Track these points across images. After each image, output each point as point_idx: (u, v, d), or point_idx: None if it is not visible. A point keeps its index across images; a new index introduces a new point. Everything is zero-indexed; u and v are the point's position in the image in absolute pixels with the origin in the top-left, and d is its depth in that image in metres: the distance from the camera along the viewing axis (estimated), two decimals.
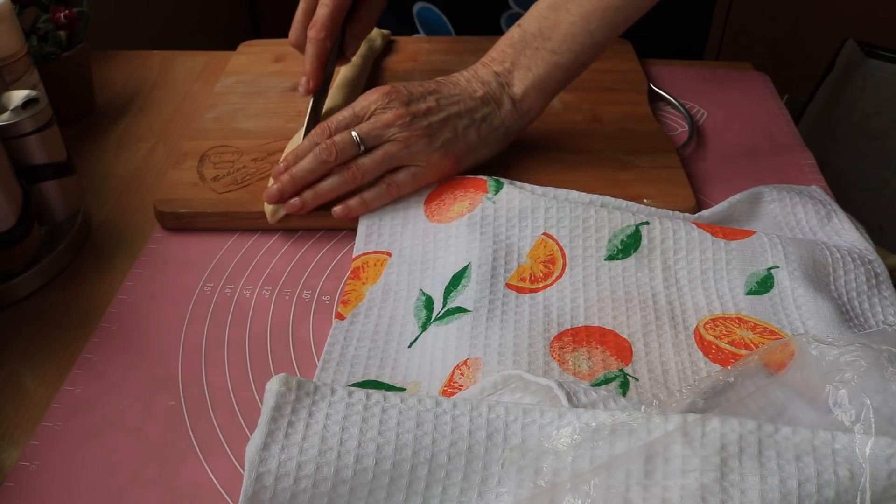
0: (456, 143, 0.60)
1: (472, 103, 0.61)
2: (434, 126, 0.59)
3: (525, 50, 0.61)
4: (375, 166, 0.59)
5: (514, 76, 0.61)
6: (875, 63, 1.19)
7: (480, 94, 0.61)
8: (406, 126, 0.58)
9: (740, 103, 0.78)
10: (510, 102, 0.61)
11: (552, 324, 0.50)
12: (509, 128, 0.62)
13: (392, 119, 0.58)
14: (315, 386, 0.39)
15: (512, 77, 0.61)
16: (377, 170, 0.59)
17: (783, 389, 0.41)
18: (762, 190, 0.61)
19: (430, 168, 0.60)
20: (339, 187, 0.59)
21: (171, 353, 0.52)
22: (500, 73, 0.62)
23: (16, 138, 0.55)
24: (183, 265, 0.59)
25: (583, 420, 0.38)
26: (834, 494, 0.35)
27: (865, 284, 0.53)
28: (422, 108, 0.59)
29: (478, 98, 0.61)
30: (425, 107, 0.59)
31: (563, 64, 0.61)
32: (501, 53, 0.62)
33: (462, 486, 0.38)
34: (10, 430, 0.48)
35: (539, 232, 0.56)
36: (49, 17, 0.71)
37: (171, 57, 0.87)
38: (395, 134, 0.58)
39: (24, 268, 0.56)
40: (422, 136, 0.59)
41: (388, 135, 0.59)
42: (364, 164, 0.59)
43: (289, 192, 0.59)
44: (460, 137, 0.60)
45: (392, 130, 0.58)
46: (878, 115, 1.21)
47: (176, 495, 0.44)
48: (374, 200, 0.60)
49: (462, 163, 0.61)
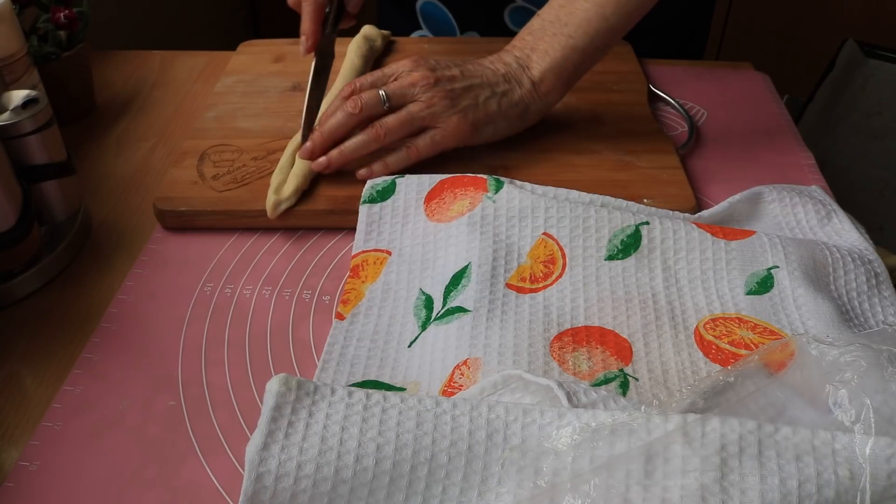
0: (476, 110, 0.63)
1: (493, 78, 0.64)
2: (456, 91, 0.63)
3: (543, 36, 0.65)
4: (398, 125, 0.62)
5: (532, 59, 0.65)
6: (875, 63, 1.19)
7: (503, 71, 0.65)
8: (430, 87, 0.62)
9: (740, 103, 0.78)
10: (529, 83, 0.65)
11: (552, 324, 0.50)
12: (528, 106, 0.65)
13: (418, 79, 0.62)
14: (315, 386, 0.39)
15: (531, 60, 0.65)
16: (400, 129, 0.62)
17: (783, 389, 0.41)
18: (762, 190, 0.61)
19: (449, 131, 0.63)
20: (362, 145, 0.62)
21: (171, 353, 0.52)
22: (521, 57, 0.65)
23: (16, 138, 0.55)
24: (183, 265, 0.59)
25: (583, 420, 0.38)
26: (834, 494, 0.35)
27: (865, 284, 0.53)
28: (446, 75, 0.63)
29: (500, 75, 0.65)
30: (450, 74, 0.63)
31: (580, 48, 0.64)
32: (522, 41, 0.66)
33: (462, 486, 0.38)
34: (10, 430, 0.48)
35: (539, 232, 0.56)
36: (49, 17, 0.71)
37: (171, 57, 0.87)
38: (418, 94, 0.62)
39: (24, 268, 0.56)
40: (444, 98, 0.62)
41: (413, 94, 0.62)
42: (387, 122, 0.62)
43: (319, 148, 0.63)
44: (480, 106, 0.63)
45: (416, 90, 0.62)
46: (878, 115, 1.21)
47: (176, 495, 0.44)
48: (395, 163, 0.63)
49: (479, 132, 0.64)
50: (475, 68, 0.65)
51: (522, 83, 0.64)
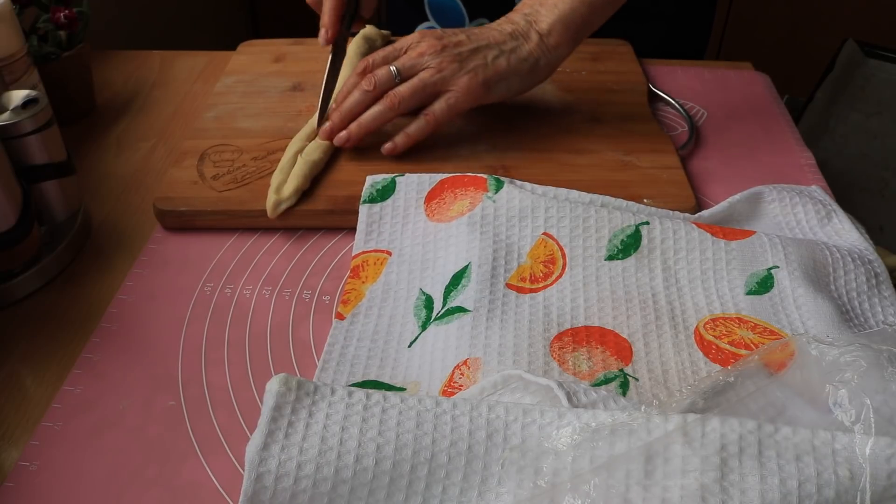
0: (486, 69, 0.65)
1: (500, 38, 0.66)
2: (464, 54, 0.65)
3: None
4: (411, 93, 0.64)
5: (541, 13, 0.66)
6: (875, 63, 1.19)
7: (509, 30, 0.66)
8: (437, 54, 0.64)
9: (740, 103, 0.78)
10: (537, 36, 0.66)
11: (552, 324, 0.50)
12: (537, 60, 0.66)
13: (425, 48, 0.65)
14: (315, 386, 0.39)
15: (539, 14, 0.66)
16: (413, 97, 0.64)
17: (783, 389, 0.41)
18: (762, 190, 0.61)
19: (462, 93, 0.64)
20: (379, 116, 0.64)
21: (171, 353, 0.52)
22: (529, 13, 0.67)
23: (16, 138, 0.55)
24: (183, 265, 0.59)
25: (583, 420, 0.38)
26: (834, 494, 0.35)
27: (865, 284, 0.53)
28: (453, 41, 0.65)
29: (506, 33, 0.66)
30: (456, 39, 0.65)
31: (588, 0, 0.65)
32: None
33: (462, 486, 0.38)
34: (10, 430, 0.48)
35: (539, 232, 0.56)
36: (49, 17, 0.71)
37: (171, 57, 0.87)
38: (427, 62, 0.64)
39: (24, 268, 0.56)
40: (452, 62, 0.64)
41: (422, 63, 0.64)
42: (400, 91, 0.64)
43: (338, 127, 0.65)
44: (490, 65, 0.65)
45: (425, 59, 0.64)
46: (878, 115, 1.21)
47: (176, 495, 0.44)
48: (416, 132, 0.65)
49: (492, 89, 0.66)
50: (482, 31, 0.66)
51: (530, 38, 0.66)
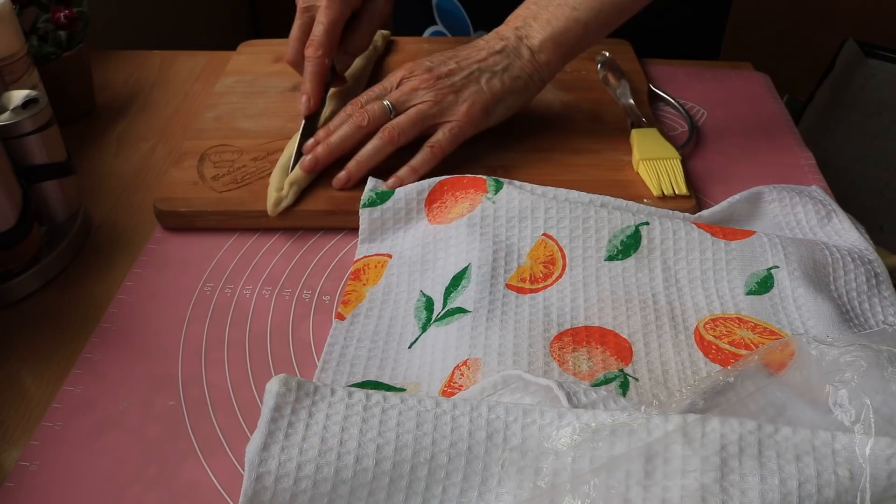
0: (482, 94, 0.64)
1: (491, 59, 0.65)
2: (457, 84, 0.64)
3: (548, 6, 0.65)
4: (410, 124, 0.62)
5: (533, 28, 0.65)
6: (875, 63, 1.19)
7: (499, 47, 0.65)
8: (432, 87, 0.63)
9: (740, 103, 0.78)
10: (528, 52, 0.65)
11: (552, 324, 0.50)
12: (530, 76, 0.65)
13: (418, 83, 0.63)
14: (315, 386, 0.39)
15: (531, 28, 0.65)
16: (412, 128, 0.63)
17: (783, 389, 0.41)
18: (762, 190, 0.61)
19: (463, 121, 0.63)
20: (378, 151, 0.62)
21: (171, 353, 0.52)
22: (520, 27, 0.66)
23: (16, 138, 0.55)
24: (183, 265, 0.59)
25: (583, 420, 0.38)
26: (834, 495, 0.35)
27: (865, 284, 0.53)
28: (444, 71, 0.64)
29: (496, 52, 0.65)
30: (447, 69, 0.64)
31: (583, 20, 0.64)
32: (525, 10, 0.67)
33: (462, 487, 0.38)
34: (10, 430, 0.48)
35: (539, 232, 0.56)
36: (49, 17, 0.71)
37: (171, 57, 0.87)
38: (423, 96, 0.63)
39: (24, 268, 0.56)
40: (448, 93, 0.63)
41: (417, 98, 0.63)
42: (399, 122, 0.62)
43: (324, 161, 0.62)
44: (485, 89, 0.64)
45: (420, 93, 0.63)
46: (878, 115, 1.21)
47: (176, 495, 0.44)
48: (420, 164, 0.62)
49: (492, 113, 0.65)
50: (470, 52, 0.65)
51: (521, 55, 0.65)
